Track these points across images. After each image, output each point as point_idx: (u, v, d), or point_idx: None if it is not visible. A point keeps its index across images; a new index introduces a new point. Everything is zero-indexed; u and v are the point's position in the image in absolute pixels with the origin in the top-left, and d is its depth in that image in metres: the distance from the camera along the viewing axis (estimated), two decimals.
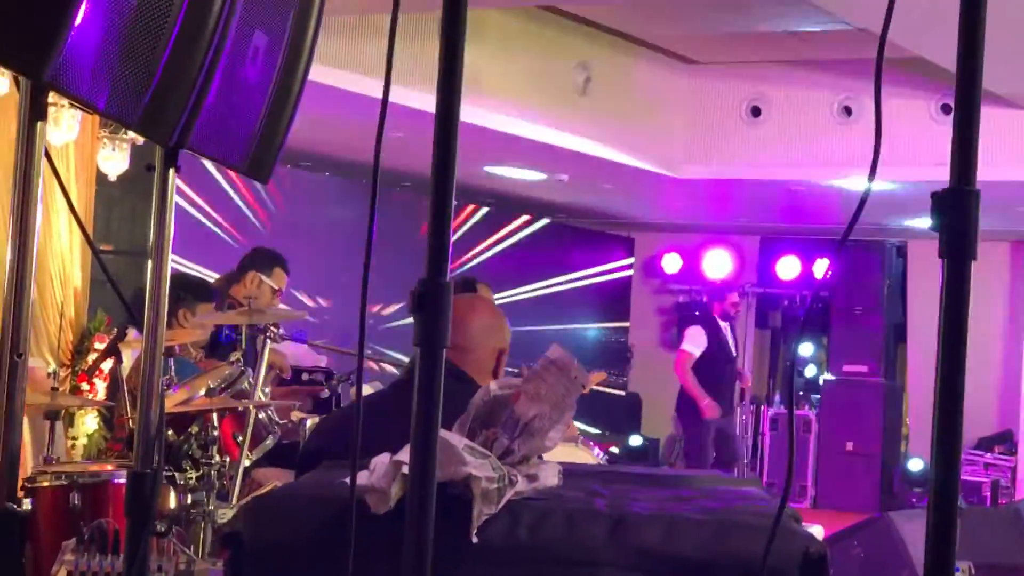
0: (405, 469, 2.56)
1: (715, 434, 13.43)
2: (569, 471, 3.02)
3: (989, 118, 12.09)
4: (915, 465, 16.08)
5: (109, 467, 5.79)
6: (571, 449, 8.67)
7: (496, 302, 7.44)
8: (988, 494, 15.51)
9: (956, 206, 2.00)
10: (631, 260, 18.40)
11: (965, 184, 2.01)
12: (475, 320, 4.16)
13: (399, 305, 13.35)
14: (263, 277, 7.92)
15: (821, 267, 16.75)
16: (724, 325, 13.74)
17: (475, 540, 2.67)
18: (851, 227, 2.23)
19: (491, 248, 15.74)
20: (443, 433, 2.44)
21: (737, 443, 13.81)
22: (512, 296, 15.17)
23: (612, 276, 18.16)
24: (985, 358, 16.28)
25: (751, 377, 14.33)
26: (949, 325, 2.00)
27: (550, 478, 2.87)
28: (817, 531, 7.29)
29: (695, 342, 13.59)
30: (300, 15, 3.51)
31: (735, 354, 13.83)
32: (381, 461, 2.70)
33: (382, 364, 11.01)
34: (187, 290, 7.17)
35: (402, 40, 9.13)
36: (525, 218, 16.42)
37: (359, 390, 2.41)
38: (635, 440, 16.82)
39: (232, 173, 11.34)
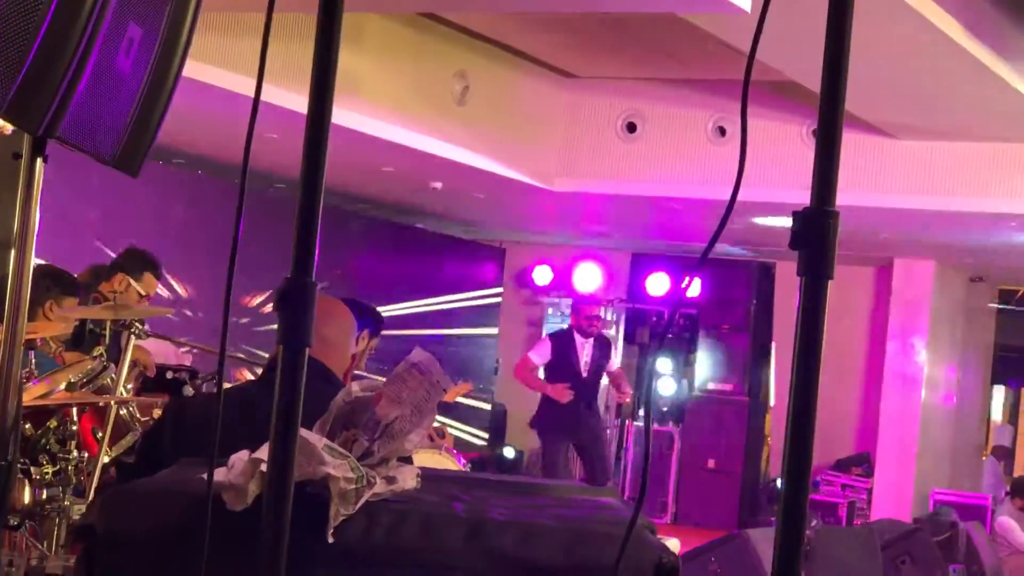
0: (263, 467, 2.56)
1: (577, 451, 13.31)
2: (428, 475, 3.03)
3: (862, 145, 12.33)
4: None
5: None
6: (435, 456, 8.70)
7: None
8: (844, 515, 15.76)
9: (815, 226, 2.03)
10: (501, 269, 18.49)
11: (825, 205, 2.05)
12: (340, 321, 4.15)
13: (268, 304, 13.32)
14: (132, 281, 7.83)
15: (691, 284, 16.90)
16: (582, 340, 13.32)
17: (331, 540, 2.67)
18: (711, 244, 2.27)
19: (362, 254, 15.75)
20: (303, 432, 2.44)
21: (605, 461, 13.58)
22: (382, 304, 15.15)
23: (482, 286, 18.23)
24: (846, 381, 16.56)
25: (626, 394, 14.10)
26: (804, 342, 2.03)
27: (409, 481, 2.88)
28: (673, 544, 7.37)
29: (538, 351, 13.40)
30: (176, 9, 3.49)
31: (584, 372, 13.16)
32: (240, 458, 2.70)
33: (254, 364, 10.95)
34: (55, 282, 7.07)
35: (278, 40, 9.09)
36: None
37: (219, 385, 2.40)
38: (507, 451, 16.87)
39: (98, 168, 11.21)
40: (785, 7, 7.87)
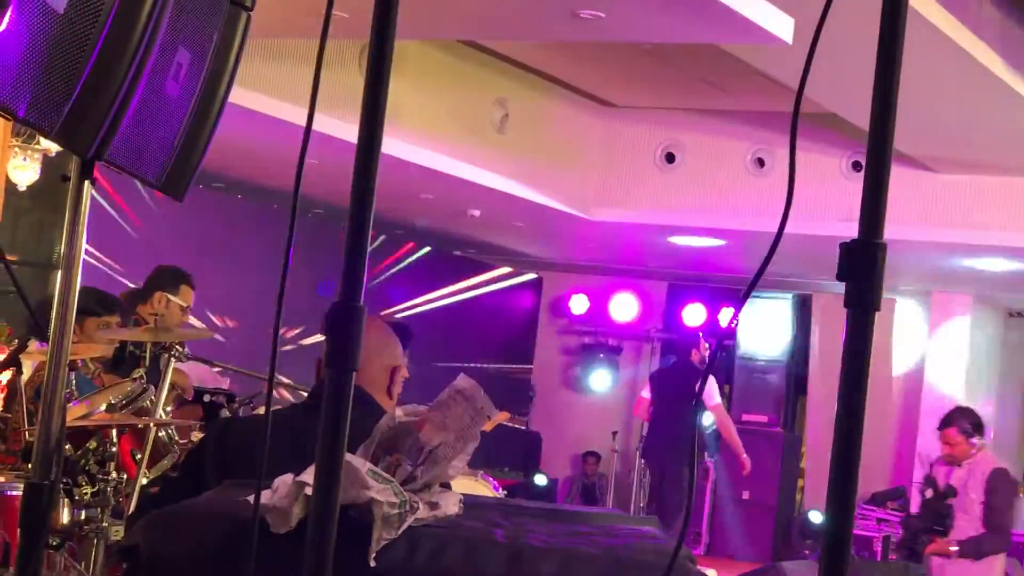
0: (308, 490, 2.57)
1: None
2: (470, 502, 3.03)
3: (901, 178, 12.25)
4: (815, 517, 16.18)
5: (1, 479, 5.73)
6: (471, 483, 8.68)
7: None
8: (878, 549, 15.66)
9: (863, 257, 2.03)
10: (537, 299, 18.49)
11: (873, 236, 2.05)
12: (367, 337, 4.12)
13: (298, 329, 13.38)
14: (170, 296, 7.86)
15: (727, 315, 16.84)
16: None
17: (373, 564, 2.67)
18: (756, 279, 2.26)
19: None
20: (347, 456, 2.45)
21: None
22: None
23: (518, 314, 18.23)
24: (882, 414, 16.46)
25: None
26: (850, 374, 2.02)
27: (451, 507, 2.89)
28: (711, 575, 7.35)
29: (717, 392, 13.36)
30: (224, 36, 3.52)
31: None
32: (284, 481, 2.71)
33: (298, 390, 10.95)
34: (99, 303, 7.11)
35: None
36: (427, 250, 16.50)
37: (268, 409, 2.42)
38: (539, 479, 16.81)
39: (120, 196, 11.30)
40: (827, 41, 7.88)
